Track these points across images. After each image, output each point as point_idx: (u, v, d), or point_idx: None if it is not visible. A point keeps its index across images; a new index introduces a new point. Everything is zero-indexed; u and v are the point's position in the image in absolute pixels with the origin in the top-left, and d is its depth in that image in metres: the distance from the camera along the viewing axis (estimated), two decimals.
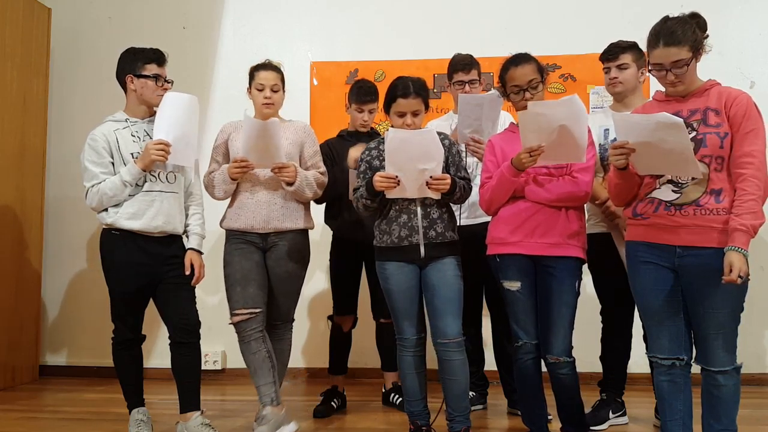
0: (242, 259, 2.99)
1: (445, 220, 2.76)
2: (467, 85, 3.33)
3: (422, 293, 2.78)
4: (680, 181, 2.31)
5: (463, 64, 3.35)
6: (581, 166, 2.63)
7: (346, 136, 3.48)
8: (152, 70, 2.94)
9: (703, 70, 2.37)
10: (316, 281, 3.49)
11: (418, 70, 4.13)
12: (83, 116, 4.51)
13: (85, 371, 4.49)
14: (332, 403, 3.48)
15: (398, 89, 2.75)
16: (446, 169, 2.75)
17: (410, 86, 2.73)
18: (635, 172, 2.39)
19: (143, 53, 2.96)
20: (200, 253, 3.04)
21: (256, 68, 3.10)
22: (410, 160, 2.63)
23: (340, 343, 3.57)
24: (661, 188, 2.35)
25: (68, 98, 4.71)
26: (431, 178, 2.65)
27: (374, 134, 3.51)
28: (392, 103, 2.77)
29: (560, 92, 4.31)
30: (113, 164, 2.89)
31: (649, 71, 2.38)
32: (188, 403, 2.94)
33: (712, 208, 2.25)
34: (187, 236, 3.07)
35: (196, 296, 3.03)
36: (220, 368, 4.45)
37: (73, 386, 4.24)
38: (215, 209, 3.23)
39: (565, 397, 2.70)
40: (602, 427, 3.10)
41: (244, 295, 2.94)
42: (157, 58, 2.97)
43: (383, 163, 2.70)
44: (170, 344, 2.96)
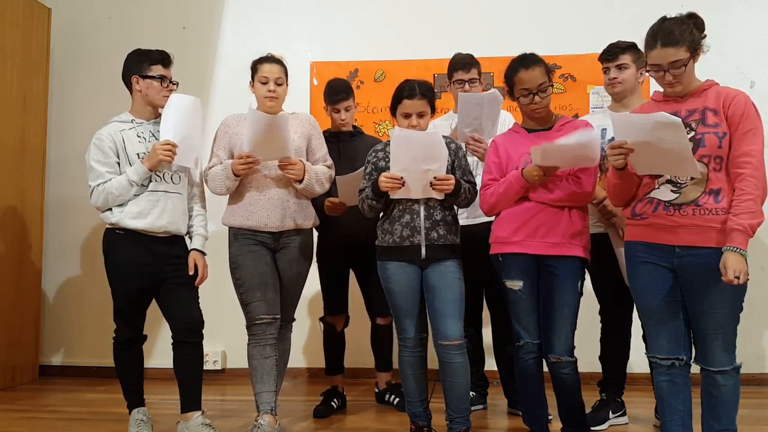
0: (257, 262, 2.95)
1: (448, 222, 2.77)
2: (467, 84, 3.33)
3: (423, 294, 2.78)
4: (679, 181, 2.31)
5: (463, 63, 3.35)
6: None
7: (329, 137, 3.38)
8: (158, 71, 2.95)
9: (702, 70, 2.37)
10: (316, 281, 3.50)
11: (418, 70, 4.14)
12: (83, 116, 4.53)
13: (85, 371, 4.49)
14: (332, 403, 3.48)
15: (404, 91, 2.76)
16: (452, 172, 2.77)
17: (416, 88, 2.74)
18: (634, 172, 2.39)
19: (149, 54, 2.97)
20: (203, 253, 3.04)
21: (259, 61, 3.04)
22: (414, 160, 2.64)
23: (334, 343, 3.56)
24: (660, 188, 2.35)
25: (68, 98, 4.71)
26: (435, 178, 2.65)
27: (357, 133, 3.50)
28: (398, 104, 2.78)
29: (560, 92, 4.31)
30: (119, 164, 2.89)
31: (647, 72, 2.38)
32: (189, 402, 2.94)
33: (711, 207, 2.25)
34: (190, 237, 3.08)
35: (199, 296, 3.03)
36: (220, 368, 4.45)
37: (73, 386, 4.24)
38: (217, 210, 3.23)
39: (566, 397, 2.71)
40: (602, 427, 3.10)
41: (265, 300, 2.93)
42: (162, 59, 2.97)
43: (389, 164, 2.71)
44: (173, 343, 2.96)
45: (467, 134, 3.12)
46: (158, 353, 4.15)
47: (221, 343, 4.42)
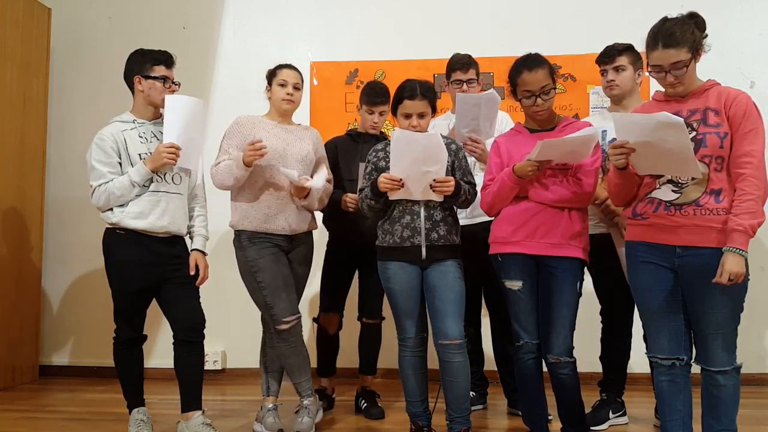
0: (279, 265, 3.00)
1: (448, 223, 2.77)
2: (465, 84, 3.33)
3: (424, 294, 2.78)
4: (680, 181, 2.31)
5: (461, 63, 3.35)
6: (585, 168, 2.64)
7: (354, 136, 3.45)
8: (160, 71, 2.95)
9: (703, 70, 2.38)
10: (316, 281, 3.49)
11: (418, 70, 4.14)
12: (83, 116, 4.53)
13: (85, 371, 4.49)
14: None
15: (405, 91, 2.76)
16: (452, 173, 2.77)
17: (417, 88, 2.74)
18: (635, 172, 2.39)
19: (152, 54, 2.97)
20: (204, 254, 3.05)
21: (278, 67, 3.13)
22: (415, 161, 2.64)
23: (326, 344, 3.52)
24: (660, 188, 2.35)
25: (68, 98, 4.71)
26: (435, 180, 2.66)
27: (383, 137, 3.49)
28: (399, 104, 2.79)
29: (560, 92, 4.30)
30: (120, 164, 2.89)
31: (648, 72, 2.38)
32: (190, 402, 2.94)
33: (711, 208, 2.25)
34: (191, 237, 3.08)
35: (200, 296, 3.03)
36: (220, 368, 4.45)
37: (73, 386, 4.24)
38: (217, 211, 3.23)
39: (565, 397, 2.71)
40: (602, 427, 3.10)
41: (290, 302, 3.00)
42: (165, 59, 2.97)
43: (389, 164, 2.71)
44: (174, 343, 2.96)
45: (465, 135, 3.12)
46: (158, 353, 4.14)
47: (221, 343, 4.42)
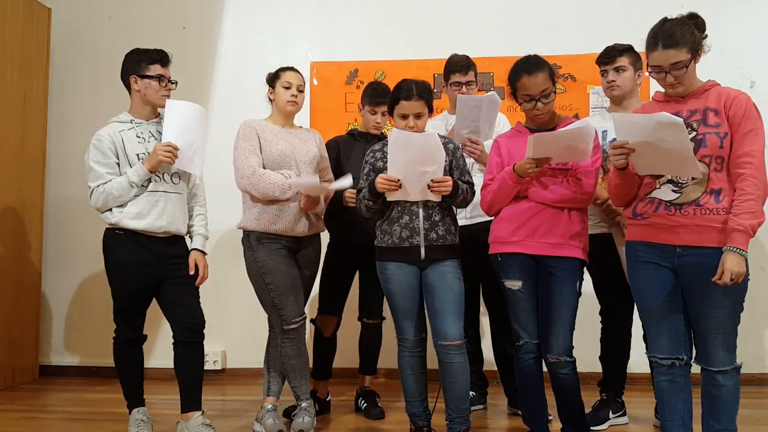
0: (288, 267, 3.01)
1: (447, 222, 2.77)
2: (464, 86, 3.32)
3: (423, 294, 2.78)
4: (680, 181, 2.31)
5: (460, 65, 3.35)
6: (586, 168, 2.64)
7: (356, 135, 3.45)
8: (156, 70, 2.94)
9: (703, 70, 2.37)
10: (317, 282, 3.49)
11: (418, 70, 4.14)
12: (83, 116, 4.52)
13: (85, 371, 4.49)
14: None
15: (401, 91, 2.76)
16: (450, 173, 2.77)
17: (413, 89, 2.74)
18: (635, 172, 2.39)
19: (147, 54, 2.96)
20: (204, 253, 3.05)
21: (281, 70, 3.14)
22: (412, 162, 2.64)
23: (323, 346, 3.48)
24: (661, 188, 2.35)
25: (68, 98, 4.71)
26: (432, 180, 2.66)
27: (384, 137, 3.48)
28: (395, 105, 2.79)
29: (560, 92, 4.30)
30: (118, 165, 2.89)
31: (648, 73, 2.38)
32: (190, 402, 2.93)
33: (711, 207, 2.25)
34: (190, 237, 3.08)
35: (200, 296, 3.03)
36: (220, 368, 4.44)
37: (73, 386, 4.24)
38: (217, 210, 3.23)
39: (565, 397, 2.71)
40: (602, 427, 3.10)
41: (297, 303, 3.02)
42: (161, 58, 2.97)
43: (387, 165, 2.71)
44: (174, 343, 2.96)
45: (464, 135, 3.12)
46: (158, 353, 4.14)
47: (221, 343, 4.42)
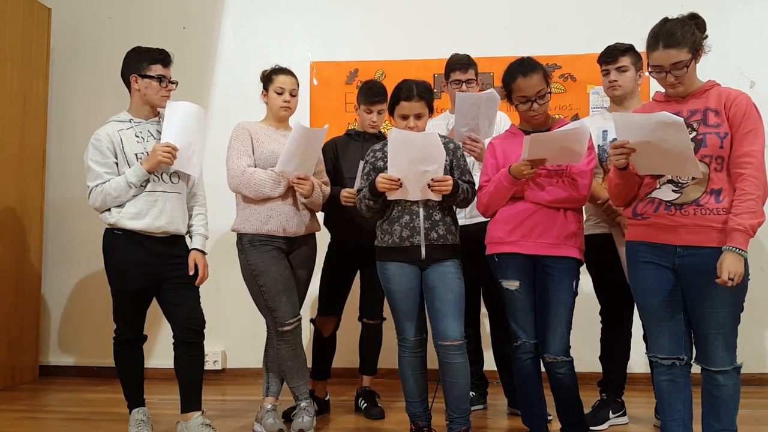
0: (280, 268, 3.00)
1: (447, 222, 2.77)
2: (464, 84, 3.32)
3: (423, 294, 2.78)
4: (680, 180, 2.31)
5: (460, 64, 3.35)
6: (581, 169, 2.64)
7: (353, 135, 3.44)
8: (157, 70, 2.94)
9: (703, 70, 2.38)
10: (316, 282, 3.49)
11: (418, 70, 4.14)
12: (83, 116, 4.52)
13: (85, 371, 4.49)
14: None
15: (402, 92, 2.76)
16: (450, 172, 2.77)
17: (413, 89, 2.74)
18: (635, 172, 2.39)
19: (149, 53, 2.95)
20: (204, 253, 3.04)
21: (274, 72, 3.11)
22: (412, 161, 2.64)
23: (322, 346, 3.48)
24: (661, 188, 2.35)
25: (68, 98, 4.71)
26: (433, 180, 2.66)
27: (382, 136, 3.49)
28: (396, 105, 2.78)
29: (560, 92, 4.31)
30: (117, 164, 2.89)
31: (648, 73, 2.38)
32: (190, 402, 2.94)
33: (712, 207, 2.25)
34: (190, 237, 3.08)
35: (200, 296, 3.03)
36: (220, 368, 4.44)
37: (73, 386, 4.24)
38: (217, 210, 3.22)
39: (564, 396, 2.71)
40: (602, 427, 3.10)
41: (291, 304, 3.00)
42: (162, 58, 2.96)
43: (387, 164, 2.71)
44: (174, 343, 2.96)
45: (464, 134, 3.12)
46: (158, 353, 4.14)
47: (221, 343, 4.42)
